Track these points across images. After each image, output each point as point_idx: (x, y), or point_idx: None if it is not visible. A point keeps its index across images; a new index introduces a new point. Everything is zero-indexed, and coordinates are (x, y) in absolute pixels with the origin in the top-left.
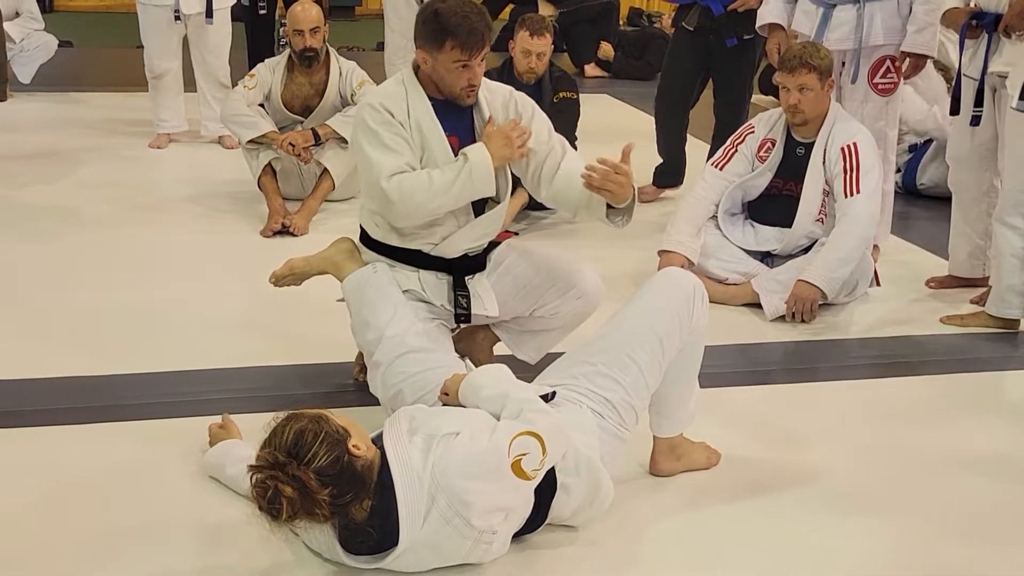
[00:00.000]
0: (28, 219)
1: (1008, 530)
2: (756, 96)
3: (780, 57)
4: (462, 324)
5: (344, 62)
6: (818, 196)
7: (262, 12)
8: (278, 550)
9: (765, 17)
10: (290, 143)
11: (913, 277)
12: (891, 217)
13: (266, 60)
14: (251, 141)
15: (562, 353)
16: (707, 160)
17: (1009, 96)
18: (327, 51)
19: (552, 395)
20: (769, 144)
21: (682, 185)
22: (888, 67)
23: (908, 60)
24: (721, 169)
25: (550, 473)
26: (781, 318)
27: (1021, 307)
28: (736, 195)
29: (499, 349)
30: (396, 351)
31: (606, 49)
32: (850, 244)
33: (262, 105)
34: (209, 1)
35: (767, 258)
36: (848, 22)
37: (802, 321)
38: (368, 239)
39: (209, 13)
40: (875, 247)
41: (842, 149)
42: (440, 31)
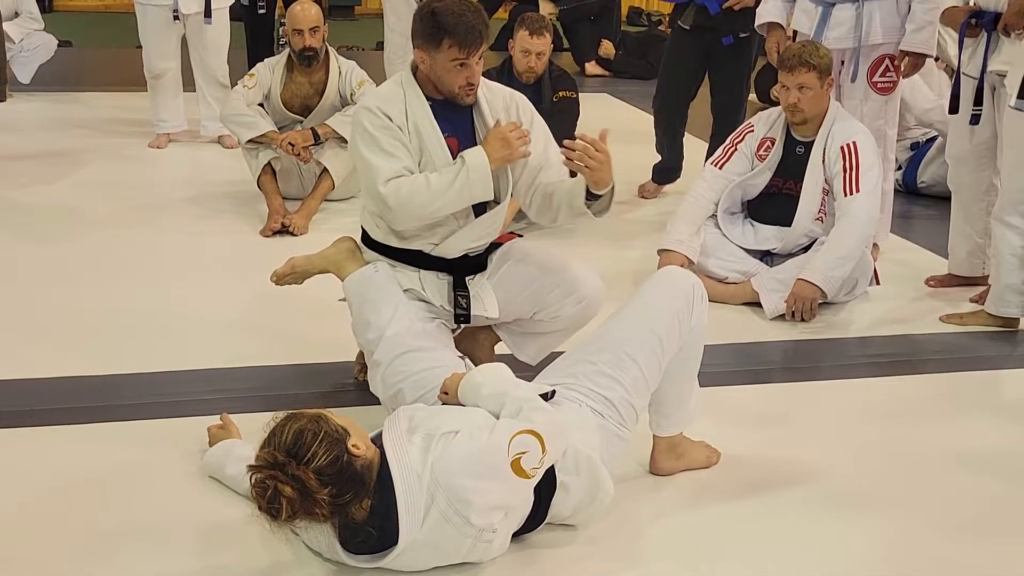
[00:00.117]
0: (28, 219)
1: (1008, 528)
2: (752, 96)
3: (779, 56)
4: (462, 325)
5: (344, 62)
6: (818, 195)
7: (261, 12)
8: (278, 550)
9: (764, 16)
10: (290, 143)
11: (913, 276)
12: (891, 216)
13: (265, 60)
14: (251, 141)
15: (562, 352)
16: (706, 159)
17: (1008, 95)
18: (326, 51)
19: (552, 394)
20: (769, 143)
21: (679, 178)
22: (887, 66)
23: (907, 59)
24: (721, 168)
25: (550, 472)
26: (781, 317)
27: (1020, 306)
28: (736, 194)
29: (499, 349)
30: (396, 350)
31: (607, 47)
32: (850, 243)
33: (261, 105)
34: (208, 1)
35: (767, 257)
36: (847, 21)
37: (802, 320)
38: (369, 240)
39: (208, 13)
40: (875, 246)
41: (842, 148)
42: (437, 30)
